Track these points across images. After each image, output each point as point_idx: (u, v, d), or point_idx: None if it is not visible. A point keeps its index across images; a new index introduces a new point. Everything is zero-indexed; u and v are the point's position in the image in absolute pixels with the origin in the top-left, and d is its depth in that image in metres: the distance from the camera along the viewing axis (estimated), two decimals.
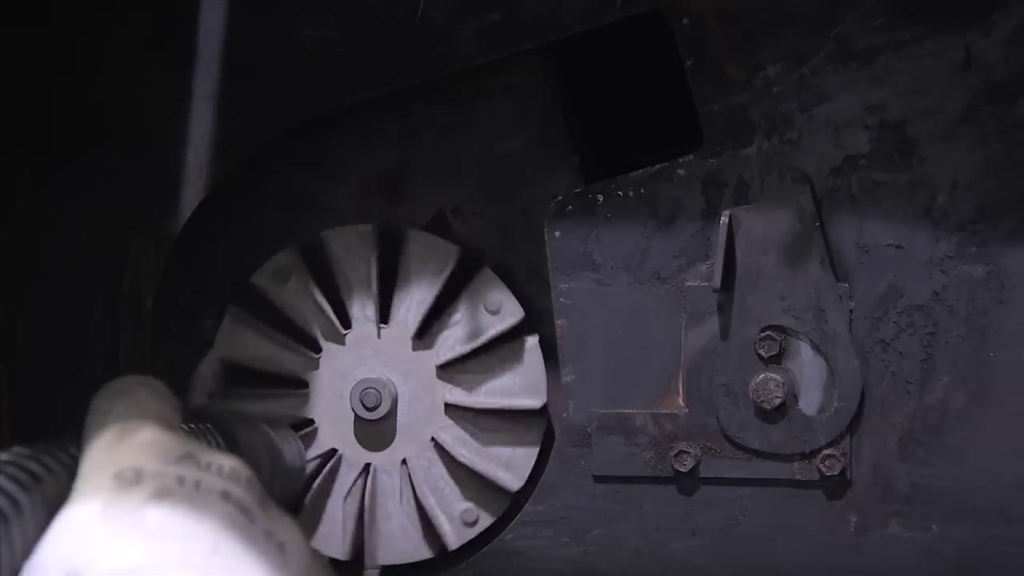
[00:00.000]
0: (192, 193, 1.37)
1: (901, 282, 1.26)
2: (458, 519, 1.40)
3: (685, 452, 1.31)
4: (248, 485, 0.67)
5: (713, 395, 1.30)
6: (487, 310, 1.38)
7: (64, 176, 1.39)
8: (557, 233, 1.32)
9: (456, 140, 1.38)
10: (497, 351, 1.38)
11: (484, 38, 1.30)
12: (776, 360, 1.28)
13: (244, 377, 1.41)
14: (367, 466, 1.40)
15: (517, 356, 1.38)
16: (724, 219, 1.25)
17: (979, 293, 1.25)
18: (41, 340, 1.41)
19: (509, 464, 1.39)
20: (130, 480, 0.63)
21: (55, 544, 0.61)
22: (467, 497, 1.40)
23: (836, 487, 1.30)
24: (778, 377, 1.28)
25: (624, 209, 1.30)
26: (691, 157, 1.29)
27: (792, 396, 1.28)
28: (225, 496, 0.65)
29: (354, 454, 1.40)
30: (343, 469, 1.40)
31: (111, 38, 1.36)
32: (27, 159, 1.39)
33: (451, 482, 1.40)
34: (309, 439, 1.40)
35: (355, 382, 1.38)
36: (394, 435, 1.40)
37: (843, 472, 1.29)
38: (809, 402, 1.29)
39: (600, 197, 1.31)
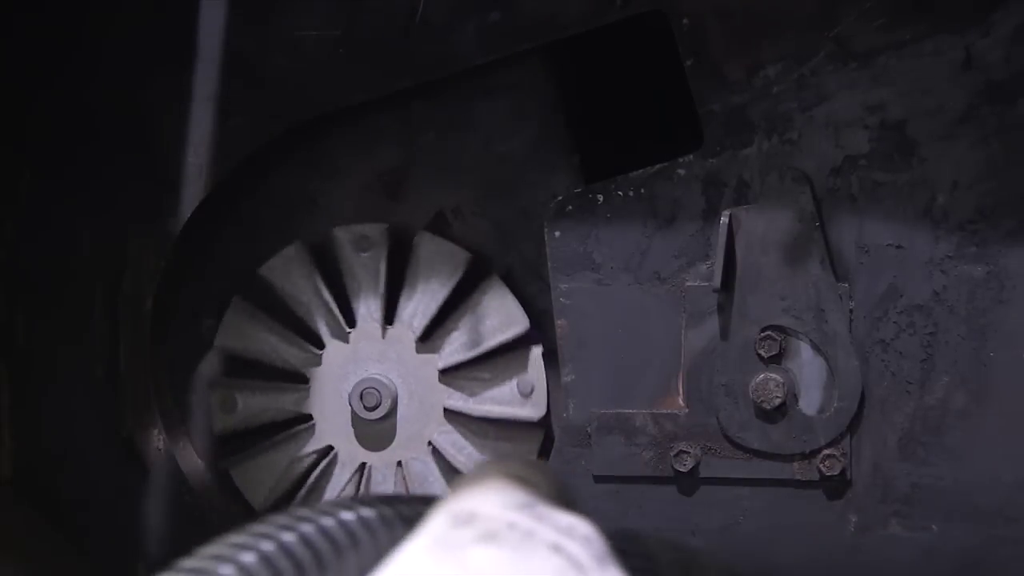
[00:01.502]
0: (192, 193, 1.37)
1: (901, 282, 1.26)
2: None
3: (685, 452, 1.31)
4: (585, 541, 0.65)
5: (713, 395, 1.30)
6: (493, 318, 1.37)
7: (64, 176, 1.39)
8: (557, 233, 1.32)
9: (456, 140, 1.38)
10: (500, 359, 1.38)
11: (484, 38, 1.30)
12: (776, 360, 1.28)
13: (244, 368, 1.41)
14: (362, 465, 1.40)
15: (520, 366, 1.38)
16: (724, 219, 1.25)
17: (979, 293, 1.25)
18: (41, 340, 1.42)
19: None
20: (463, 520, 0.63)
21: (383, 573, 0.62)
22: None
23: (836, 487, 1.30)
24: (778, 377, 1.28)
25: (624, 209, 1.30)
26: (691, 157, 1.29)
27: (792, 396, 1.28)
28: (556, 548, 0.63)
29: (350, 452, 1.40)
30: (338, 467, 1.40)
31: (111, 38, 1.36)
32: (27, 159, 1.39)
33: (445, 487, 1.39)
34: (306, 435, 1.40)
35: (356, 381, 1.38)
36: (392, 436, 1.40)
37: (843, 472, 1.29)
38: (809, 402, 1.29)
39: (600, 197, 1.31)
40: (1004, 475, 1.27)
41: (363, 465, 1.40)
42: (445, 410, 1.38)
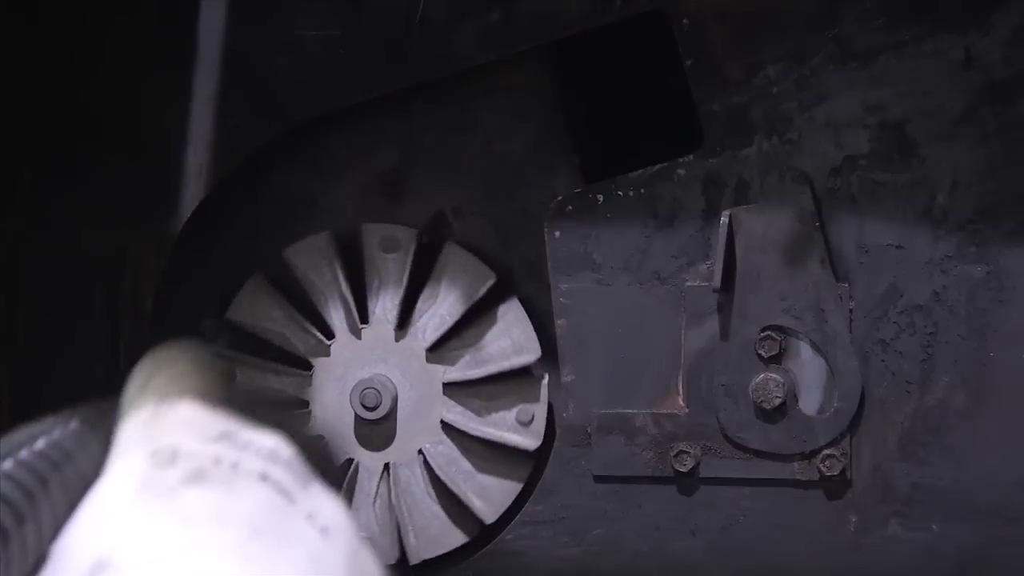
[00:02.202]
0: (192, 193, 1.37)
1: (901, 282, 1.26)
2: (424, 535, 1.39)
3: (685, 452, 1.31)
4: (288, 465, 0.63)
5: (713, 395, 1.30)
6: (505, 341, 1.37)
7: (64, 176, 1.39)
8: (557, 233, 1.32)
9: (456, 140, 1.38)
10: (506, 383, 1.37)
11: (484, 38, 1.30)
12: (776, 360, 1.28)
13: (251, 346, 1.40)
14: (349, 461, 1.39)
15: (525, 392, 1.37)
16: (724, 219, 1.25)
17: (979, 293, 1.25)
18: (41, 341, 1.41)
19: (488, 495, 1.38)
20: (166, 459, 0.60)
21: (84, 527, 0.59)
22: (440, 516, 1.39)
23: (836, 487, 1.30)
24: (778, 377, 1.28)
25: (624, 209, 1.30)
26: (691, 157, 1.29)
27: (792, 396, 1.28)
28: (263, 477, 0.62)
29: (341, 448, 1.39)
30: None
31: (112, 38, 1.36)
32: (27, 159, 1.39)
33: (427, 498, 1.39)
34: (302, 422, 1.39)
35: (360, 378, 1.37)
36: (385, 439, 1.39)
37: (843, 472, 1.29)
38: (809, 402, 1.28)
39: (600, 197, 1.31)
40: (1004, 475, 1.27)
41: (350, 461, 1.39)
42: (442, 423, 1.37)
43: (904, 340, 1.27)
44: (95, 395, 0.73)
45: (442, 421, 1.37)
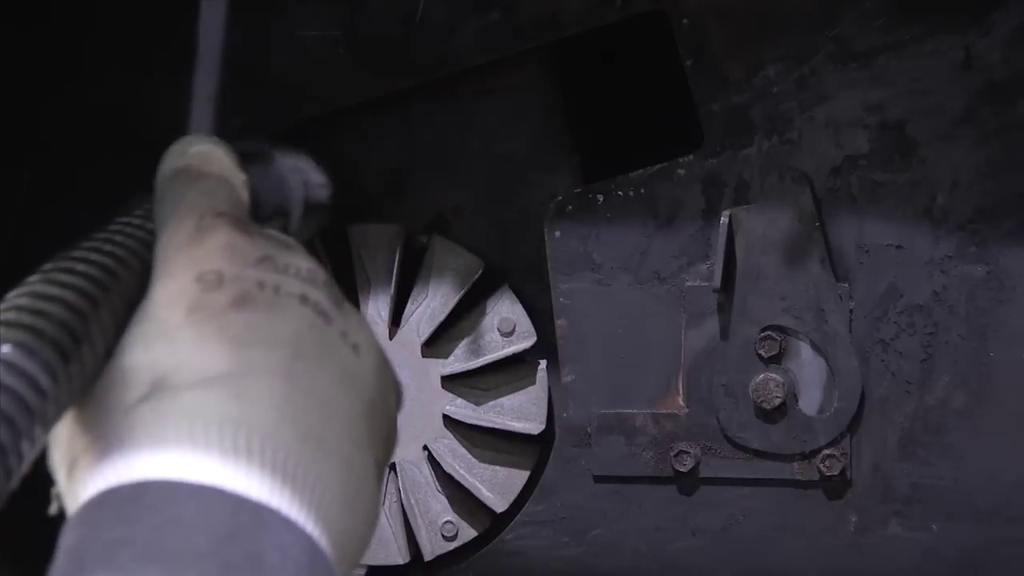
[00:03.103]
0: None
1: (901, 282, 1.26)
2: (437, 531, 1.39)
3: (685, 452, 1.31)
4: (325, 287, 0.66)
5: (713, 395, 1.30)
6: (500, 330, 1.37)
7: (64, 176, 1.39)
8: (557, 233, 1.32)
9: (456, 140, 1.38)
10: (505, 371, 1.37)
11: (484, 38, 1.30)
12: (776, 360, 1.28)
13: None
14: None
15: (524, 379, 1.37)
16: (724, 219, 1.25)
17: (979, 293, 1.25)
18: None
19: (497, 484, 1.38)
20: (212, 284, 0.62)
21: (141, 346, 0.61)
22: (450, 510, 1.39)
23: (836, 487, 1.30)
24: (778, 377, 1.28)
25: (624, 209, 1.30)
26: (691, 157, 1.29)
27: (792, 396, 1.28)
28: (304, 299, 0.64)
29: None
30: None
31: (111, 38, 1.36)
32: (27, 159, 1.39)
33: (436, 493, 1.39)
34: None
35: None
36: None
37: (843, 472, 1.29)
38: (809, 402, 1.29)
39: (600, 197, 1.31)
40: (1004, 475, 1.27)
41: None
42: (444, 417, 1.38)
43: (904, 340, 1.27)
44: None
45: (444, 415, 1.37)
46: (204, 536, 0.54)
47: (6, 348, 0.56)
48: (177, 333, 0.61)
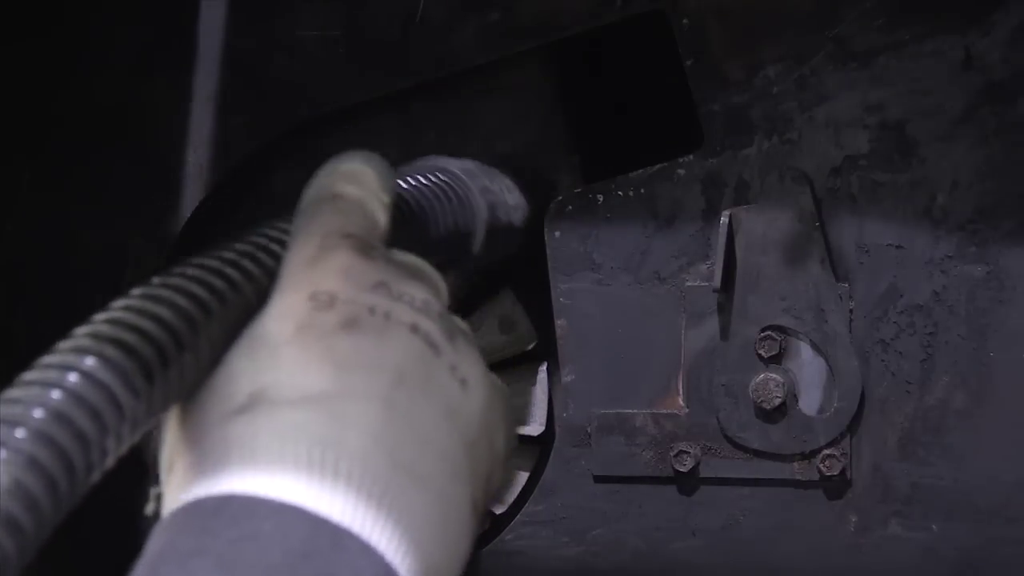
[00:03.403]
0: (192, 193, 1.37)
1: (901, 282, 1.26)
2: None
3: (685, 452, 1.31)
4: (440, 319, 0.67)
5: (713, 395, 1.30)
6: (501, 331, 1.37)
7: (64, 176, 1.39)
8: (557, 233, 1.32)
9: (456, 140, 1.38)
10: (505, 373, 1.37)
11: (484, 38, 1.30)
12: (776, 360, 1.28)
13: None
14: None
15: (524, 381, 1.37)
16: (724, 219, 1.25)
17: (979, 293, 1.25)
18: (41, 340, 1.41)
19: None
20: (324, 304, 0.63)
21: (243, 359, 0.62)
22: None
23: (836, 487, 1.30)
24: (778, 377, 1.28)
25: (624, 209, 1.30)
26: (691, 157, 1.29)
27: (792, 396, 1.28)
28: (414, 328, 0.64)
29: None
30: None
31: (111, 38, 1.36)
32: (27, 160, 1.39)
33: None
34: None
35: None
36: None
37: (843, 472, 1.29)
38: (809, 402, 1.28)
39: (600, 197, 1.31)
40: (1004, 475, 1.27)
41: None
42: None
43: (904, 340, 1.27)
44: None
45: None
46: (279, 553, 0.54)
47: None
48: (283, 348, 0.61)
